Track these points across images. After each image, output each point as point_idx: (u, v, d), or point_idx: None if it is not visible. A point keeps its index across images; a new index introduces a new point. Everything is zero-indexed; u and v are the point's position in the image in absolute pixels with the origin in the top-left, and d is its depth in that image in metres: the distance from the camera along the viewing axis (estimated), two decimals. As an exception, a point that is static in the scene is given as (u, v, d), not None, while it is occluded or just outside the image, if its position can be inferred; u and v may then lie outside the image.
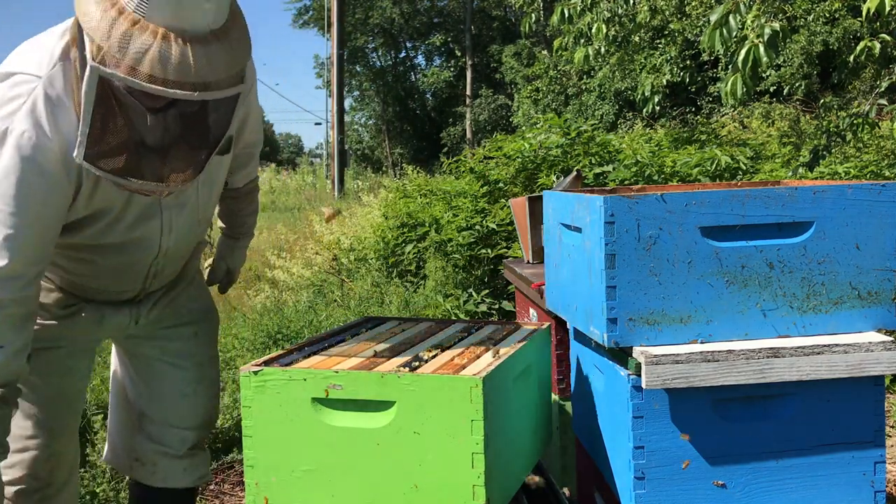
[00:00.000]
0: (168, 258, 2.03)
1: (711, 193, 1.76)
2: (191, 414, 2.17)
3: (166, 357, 2.16)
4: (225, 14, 1.64)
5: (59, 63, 1.67)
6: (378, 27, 31.88)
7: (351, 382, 1.71)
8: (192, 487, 2.21)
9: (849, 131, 5.10)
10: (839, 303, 1.80)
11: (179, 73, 1.54)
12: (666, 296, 1.75)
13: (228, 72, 1.61)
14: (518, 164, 5.73)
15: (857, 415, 1.79)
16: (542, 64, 18.50)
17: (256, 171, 2.34)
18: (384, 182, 14.56)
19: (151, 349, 2.16)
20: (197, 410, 2.18)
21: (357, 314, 5.26)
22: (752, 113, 11.73)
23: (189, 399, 2.17)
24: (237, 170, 2.22)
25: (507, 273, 3.20)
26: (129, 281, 2.03)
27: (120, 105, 1.59)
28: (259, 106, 2.13)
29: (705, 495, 1.77)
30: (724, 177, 5.42)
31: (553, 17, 5.74)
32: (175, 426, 2.16)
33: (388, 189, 9.15)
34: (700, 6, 10.40)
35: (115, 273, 2.00)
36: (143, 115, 1.60)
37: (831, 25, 11.94)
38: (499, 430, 1.75)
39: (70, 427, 2.10)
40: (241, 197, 2.32)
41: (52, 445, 2.03)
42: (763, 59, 3.92)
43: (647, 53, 12.60)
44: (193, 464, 2.19)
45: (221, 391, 3.82)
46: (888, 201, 1.79)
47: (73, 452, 2.14)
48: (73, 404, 2.08)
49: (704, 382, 1.71)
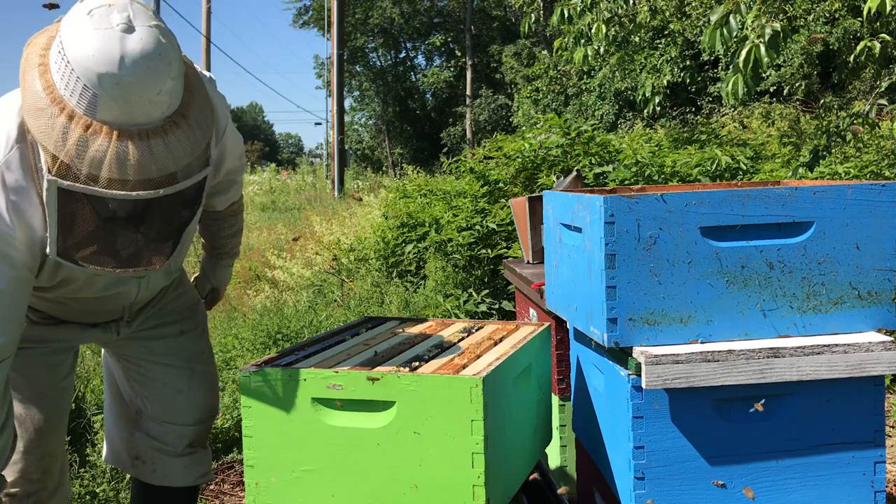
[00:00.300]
0: (148, 292, 2.06)
1: (711, 193, 1.76)
2: (187, 410, 2.16)
3: (154, 357, 2.15)
4: (179, 96, 1.59)
5: (15, 146, 1.61)
6: (378, 27, 31.89)
7: (351, 382, 1.71)
8: (193, 486, 2.21)
9: (849, 131, 5.10)
10: (839, 303, 1.80)
11: (140, 172, 1.50)
12: (666, 296, 1.75)
13: (192, 155, 1.58)
14: (518, 164, 5.73)
15: (857, 415, 1.79)
16: (542, 64, 18.49)
17: (240, 193, 2.28)
18: (384, 182, 14.56)
19: (138, 350, 2.15)
20: (193, 406, 2.17)
21: (357, 314, 5.26)
22: (752, 113, 11.73)
23: (183, 395, 2.15)
24: (217, 195, 2.17)
25: (507, 273, 3.20)
26: (109, 314, 2.06)
27: (86, 204, 1.56)
28: (237, 134, 2.06)
29: (705, 495, 1.77)
30: (725, 177, 5.42)
31: (553, 18, 5.74)
32: (171, 423, 2.15)
33: (388, 189, 9.15)
34: (700, 6, 10.40)
35: (93, 312, 2.03)
36: (112, 211, 1.59)
37: (831, 25, 11.93)
38: (499, 430, 1.75)
39: (58, 426, 2.08)
40: (222, 219, 2.28)
41: (43, 446, 2.02)
42: (764, 60, 3.92)
43: (647, 53, 12.60)
44: (193, 462, 2.18)
45: (221, 391, 3.82)
46: (888, 201, 1.79)
47: (63, 454, 2.13)
48: (59, 403, 2.06)
49: (704, 382, 1.71)
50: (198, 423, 2.19)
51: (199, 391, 2.19)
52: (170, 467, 2.16)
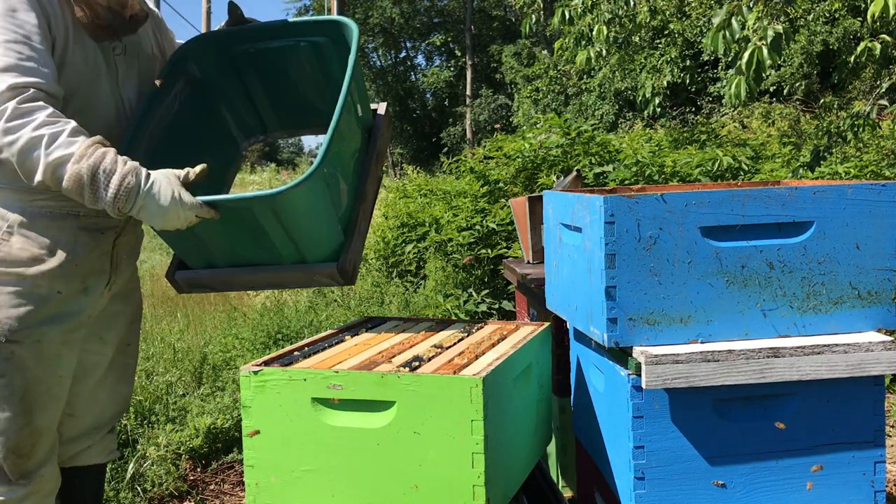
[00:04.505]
0: (126, 237, 2.15)
1: (711, 193, 1.76)
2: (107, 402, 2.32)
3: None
4: None
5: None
6: (378, 27, 31.89)
7: (351, 382, 1.71)
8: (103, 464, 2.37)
9: (849, 132, 5.10)
10: (839, 303, 1.80)
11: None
12: (666, 296, 1.75)
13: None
14: (518, 164, 5.73)
15: (857, 415, 1.79)
16: (542, 64, 18.51)
17: None
18: (384, 182, 14.56)
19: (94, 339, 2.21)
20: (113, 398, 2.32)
21: (357, 314, 5.26)
22: (752, 113, 11.74)
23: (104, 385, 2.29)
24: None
25: (507, 273, 3.20)
26: (106, 238, 2.10)
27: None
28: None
29: (705, 495, 1.77)
30: (725, 177, 5.42)
31: (553, 19, 5.75)
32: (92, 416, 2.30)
33: (388, 189, 9.15)
34: (700, 6, 10.40)
35: (98, 222, 2.07)
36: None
37: (831, 25, 11.94)
38: (499, 430, 1.75)
39: (48, 407, 2.06)
40: None
41: (32, 424, 2.02)
42: (766, 62, 3.93)
43: (647, 54, 12.60)
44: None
45: (221, 391, 3.83)
46: (888, 201, 1.79)
47: (53, 435, 2.10)
48: (51, 389, 2.05)
49: (704, 382, 1.71)
50: (116, 416, 2.31)
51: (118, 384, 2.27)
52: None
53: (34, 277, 1.96)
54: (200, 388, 3.93)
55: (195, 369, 4.14)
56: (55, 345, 2.01)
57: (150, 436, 3.33)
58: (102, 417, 2.25)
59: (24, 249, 1.96)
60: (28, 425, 2.00)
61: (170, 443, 3.28)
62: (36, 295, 1.96)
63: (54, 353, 2.01)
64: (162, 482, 3.13)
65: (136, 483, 3.10)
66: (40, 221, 1.98)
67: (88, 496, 2.28)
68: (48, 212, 1.98)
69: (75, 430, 2.20)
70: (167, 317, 5.97)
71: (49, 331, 1.98)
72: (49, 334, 1.99)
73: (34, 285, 1.96)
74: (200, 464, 3.39)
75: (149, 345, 4.52)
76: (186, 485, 3.21)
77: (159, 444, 3.25)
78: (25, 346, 1.96)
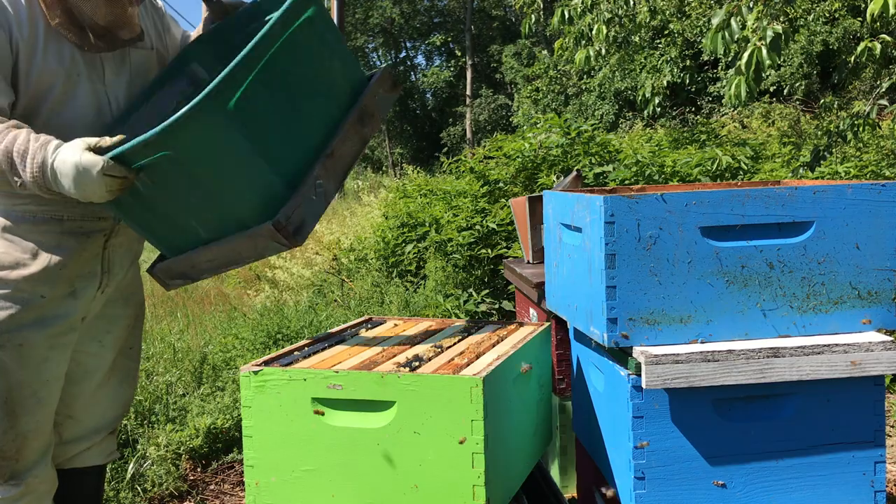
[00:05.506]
0: (120, 239, 2.12)
1: (711, 193, 1.76)
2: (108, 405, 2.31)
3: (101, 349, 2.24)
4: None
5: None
6: (378, 27, 31.89)
7: (351, 382, 1.71)
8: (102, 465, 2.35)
9: (849, 131, 5.10)
10: (839, 303, 1.80)
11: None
12: (666, 296, 1.75)
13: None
14: (518, 164, 5.73)
15: (857, 415, 1.79)
16: (542, 64, 18.49)
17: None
18: (384, 182, 14.56)
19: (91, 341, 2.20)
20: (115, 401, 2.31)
21: (357, 314, 5.26)
22: (752, 113, 11.74)
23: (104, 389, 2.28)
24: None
25: (507, 273, 3.20)
26: (96, 237, 2.08)
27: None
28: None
29: (705, 495, 1.77)
30: (725, 177, 5.42)
31: (553, 19, 5.75)
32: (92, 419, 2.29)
33: (388, 189, 9.15)
34: (700, 6, 10.40)
35: (86, 215, 2.04)
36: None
37: (831, 25, 11.94)
38: (499, 430, 1.75)
39: (34, 411, 2.04)
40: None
41: (17, 427, 2.01)
42: (766, 62, 3.92)
43: (647, 54, 12.60)
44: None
45: (221, 391, 3.83)
46: (888, 201, 1.79)
47: (43, 438, 2.08)
48: (37, 392, 2.03)
49: (704, 382, 1.71)
50: (117, 419, 2.29)
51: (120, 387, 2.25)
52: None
53: (16, 281, 1.95)
54: (200, 388, 3.92)
55: (195, 369, 4.14)
56: (40, 349, 1.99)
57: (150, 436, 3.33)
58: (103, 420, 2.24)
59: (6, 253, 1.95)
60: (12, 429, 1.99)
61: (170, 443, 3.28)
62: (18, 298, 1.95)
63: (40, 356, 1.99)
64: (162, 482, 3.13)
65: (136, 483, 3.11)
66: (23, 226, 1.97)
67: (88, 497, 2.28)
68: (31, 216, 1.97)
69: (75, 432, 2.20)
70: (167, 317, 5.97)
71: (32, 335, 1.97)
72: (32, 338, 1.97)
73: (16, 289, 1.95)
74: (200, 464, 3.39)
75: (149, 345, 4.52)
76: (186, 485, 3.21)
77: (159, 444, 3.25)
78: (7, 349, 1.94)
